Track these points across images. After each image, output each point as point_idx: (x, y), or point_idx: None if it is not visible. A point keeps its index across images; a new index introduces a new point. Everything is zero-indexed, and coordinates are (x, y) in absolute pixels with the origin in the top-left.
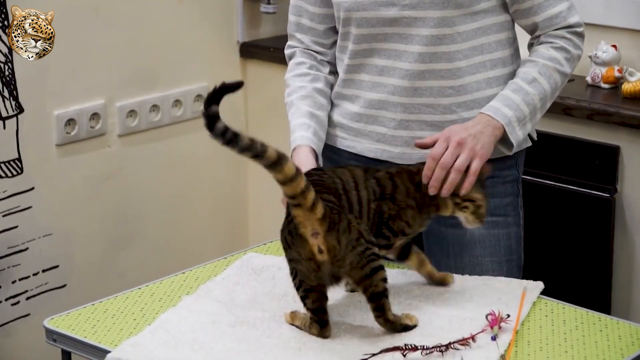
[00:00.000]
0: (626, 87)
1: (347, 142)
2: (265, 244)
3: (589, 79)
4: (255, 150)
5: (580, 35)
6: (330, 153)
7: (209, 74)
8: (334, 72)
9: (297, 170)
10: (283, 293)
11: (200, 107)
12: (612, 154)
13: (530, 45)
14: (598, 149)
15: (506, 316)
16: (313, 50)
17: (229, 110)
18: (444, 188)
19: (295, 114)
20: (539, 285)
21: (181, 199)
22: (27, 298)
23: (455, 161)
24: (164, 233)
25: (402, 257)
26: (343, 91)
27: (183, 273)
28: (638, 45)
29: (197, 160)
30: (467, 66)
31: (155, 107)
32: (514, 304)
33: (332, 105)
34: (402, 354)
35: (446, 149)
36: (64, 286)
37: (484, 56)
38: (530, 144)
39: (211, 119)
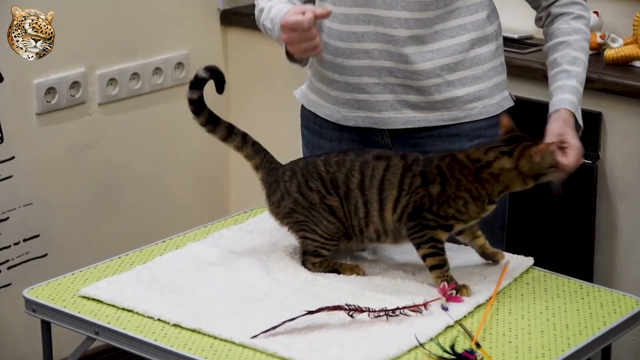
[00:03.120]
0: (608, 53)
1: (326, 110)
2: (246, 212)
3: None
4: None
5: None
6: (312, 123)
7: (190, 41)
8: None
9: None
10: (291, 245)
11: (180, 74)
12: (594, 120)
13: (539, 20)
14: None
15: (454, 292)
16: None
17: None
18: None
19: (270, 2)
20: (528, 261)
21: (162, 167)
22: (9, 268)
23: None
24: (145, 202)
25: (461, 231)
26: (322, 55)
27: (163, 242)
28: (620, 12)
29: (178, 128)
30: (444, 30)
31: (135, 75)
32: (493, 278)
33: (315, 69)
34: (349, 314)
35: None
36: (45, 255)
37: (463, 19)
38: (512, 103)
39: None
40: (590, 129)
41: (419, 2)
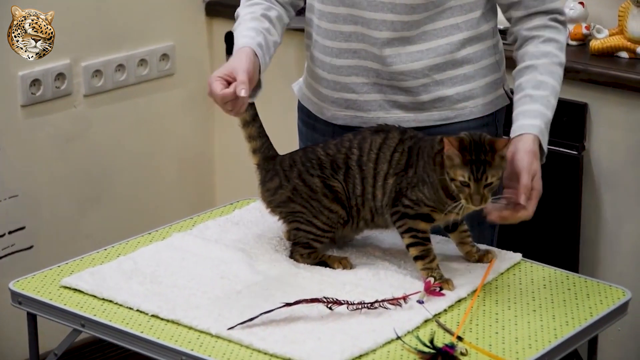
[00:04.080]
0: (594, 44)
1: (317, 108)
2: (232, 204)
3: None
4: None
5: (563, 23)
6: (307, 117)
7: (175, 33)
8: (286, 19)
9: None
10: (276, 237)
11: (165, 66)
12: (579, 111)
13: (510, 35)
14: (566, 106)
15: (438, 288)
16: None
17: (194, 70)
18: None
19: (240, 27)
20: (516, 257)
21: (148, 159)
22: None
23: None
24: (130, 193)
25: (450, 229)
26: (314, 53)
27: (149, 233)
28: (605, 2)
29: (164, 120)
30: (433, 30)
31: (120, 67)
32: (478, 272)
33: (308, 65)
34: (327, 306)
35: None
36: (30, 247)
37: (456, 19)
38: (508, 102)
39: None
40: (576, 119)
41: (406, 5)
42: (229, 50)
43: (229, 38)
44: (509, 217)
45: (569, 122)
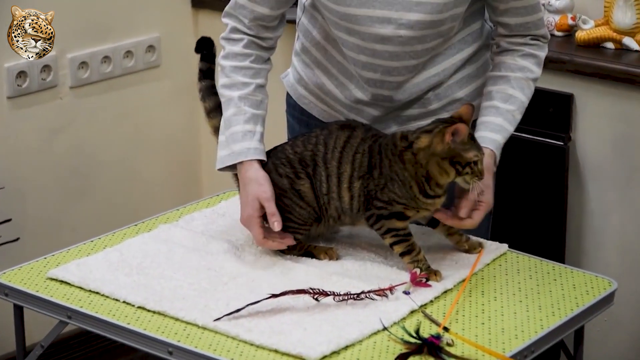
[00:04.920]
0: (580, 35)
1: (317, 110)
2: (218, 195)
3: None
4: None
5: (545, 39)
6: (300, 114)
7: (161, 24)
8: (272, 54)
9: None
10: None
11: (151, 57)
12: (565, 102)
13: (493, 39)
14: (552, 97)
15: (424, 279)
16: (258, 37)
17: (180, 61)
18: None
19: (238, 116)
20: (502, 247)
21: (134, 151)
22: None
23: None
24: (117, 185)
25: (432, 224)
26: (318, 56)
27: (135, 225)
28: None
29: (150, 112)
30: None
31: (106, 59)
32: (464, 263)
33: (308, 69)
34: (314, 297)
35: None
36: (17, 240)
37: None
38: None
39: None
40: (562, 110)
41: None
42: (199, 50)
43: (204, 43)
44: (455, 225)
45: (554, 112)
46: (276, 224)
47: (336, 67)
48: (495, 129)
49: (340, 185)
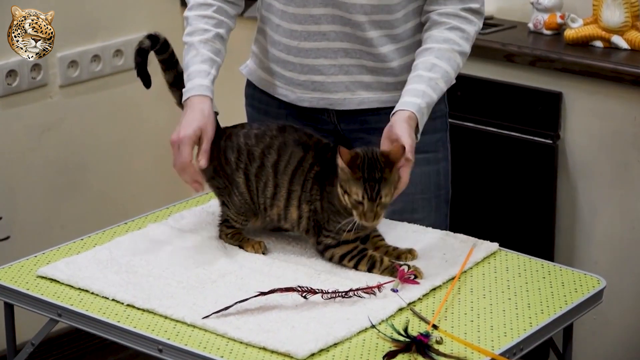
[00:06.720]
0: (568, 33)
1: (281, 91)
2: (208, 193)
3: (531, 25)
4: None
5: (477, 13)
6: (258, 103)
7: (150, 23)
8: (236, 15)
9: None
10: None
11: None
12: (554, 100)
13: (424, 14)
14: (540, 95)
15: (412, 276)
16: None
17: None
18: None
19: (195, 57)
20: (493, 246)
21: (123, 149)
22: None
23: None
24: (106, 183)
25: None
26: (275, 37)
27: (125, 223)
28: None
29: (140, 110)
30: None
31: (96, 58)
32: (453, 261)
33: (263, 48)
34: (302, 295)
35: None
36: (7, 238)
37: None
38: (454, 81)
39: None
40: (551, 108)
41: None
42: (148, 49)
43: (151, 39)
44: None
45: (543, 111)
46: (203, 161)
47: (277, 33)
48: (417, 93)
49: (289, 201)
